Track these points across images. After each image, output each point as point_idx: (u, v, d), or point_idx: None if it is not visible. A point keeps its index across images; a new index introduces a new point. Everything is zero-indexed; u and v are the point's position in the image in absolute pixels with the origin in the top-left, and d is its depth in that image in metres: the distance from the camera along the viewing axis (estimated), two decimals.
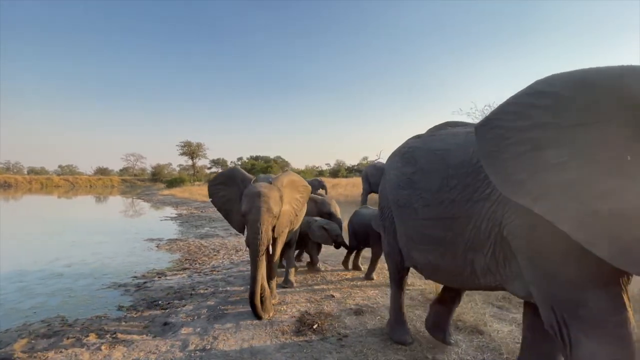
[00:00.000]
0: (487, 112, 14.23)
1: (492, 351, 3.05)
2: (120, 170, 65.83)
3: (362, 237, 5.49)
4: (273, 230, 3.87)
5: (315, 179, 16.41)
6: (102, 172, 63.01)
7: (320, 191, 14.98)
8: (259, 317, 3.79)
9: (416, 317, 3.85)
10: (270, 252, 3.96)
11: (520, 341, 2.45)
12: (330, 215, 5.98)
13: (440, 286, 3.48)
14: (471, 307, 3.99)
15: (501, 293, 4.12)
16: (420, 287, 4.86)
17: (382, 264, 5.80)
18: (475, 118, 14.84)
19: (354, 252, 5.90)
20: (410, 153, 2.70)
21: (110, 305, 4.60)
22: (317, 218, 5.67)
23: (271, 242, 3.88)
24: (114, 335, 3.54)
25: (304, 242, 5.65)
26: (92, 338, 3.49)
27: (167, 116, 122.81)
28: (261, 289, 3.86)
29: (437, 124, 2.86)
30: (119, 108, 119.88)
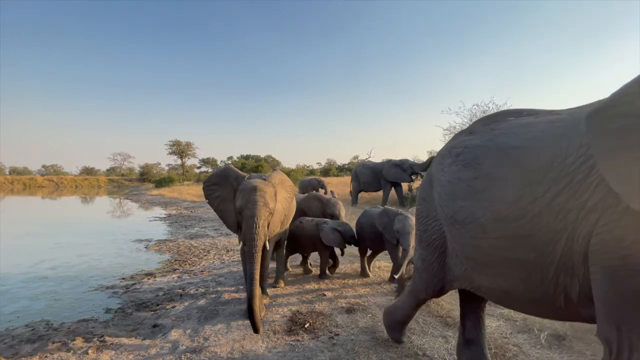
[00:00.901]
0: (476, 111, 14.46)
1: None
2: (107, 170, 64.42)
3: (376, 240, 5.10)
4: (267, 226, 3.86)
5: (315, 178, 16.31)
6: (88, 172, 61.52)
7: (320, 191, 14.94)
8: (256, 330, 3.22)
9: None
10: (267, 248, 3.86)
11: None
12: (332, 218, 5.75)
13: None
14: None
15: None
16: None
17: (377, 262, 5.84)
18: (464, 117, 15.04)
19: (367, 256, 5.49)
20: (469, 153, 2.12)
21: (97, 308, 4.51)
22: (328, 220, 5.42)
23: (267, 238, 3.86)
24: (102, 339, 3.47)
25: (313, 245, 5.29)
26: (78, 342, 3.41)
27: (156, 115, 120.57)
28: None
29: (476, 120, 2.40)
30: (105, 107, 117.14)
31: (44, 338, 3.55)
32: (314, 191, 14.76)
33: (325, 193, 14.54)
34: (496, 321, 3.59)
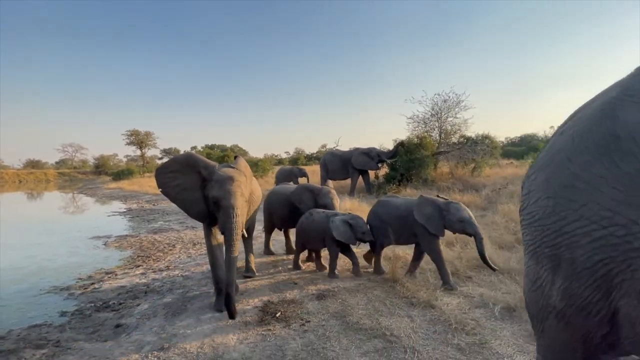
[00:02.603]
0: (437, 100, 15.02)
1: (442, 323, 3.32)
2: (57, 163, 59.01)
3: (403, 233, 4.53)
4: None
5: (296, 167, 16.00)
6: (33, 165, 55.88)
7: (303, 179, 14.74)
8: (232, 316, 3.42)
9: (374, 296, 4.04)
10: (246, 236, 4.01)
11: None
12: (326, 208, 5.40)
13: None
14: (424, 284, 4.28)
15: (450, 269, 4.47)
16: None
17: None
18: (426, 106, 15.59)
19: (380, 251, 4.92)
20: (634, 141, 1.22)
21: (50, 312, 4.20)
22: (339, 212, 5.04)
23: (244, 226, 3.90)
24: (57, 344, 3.25)
25: (323, 240, 4.83)
26: (29, 350, 3.17)
27: (109, 104, 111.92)
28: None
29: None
30: (50, 94, 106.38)
31: None
32: (294, 179, 14.67)
33: (308, 181, 14.46)
34: (457, 299, 3.85)
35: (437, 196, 4.58)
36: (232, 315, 3.41)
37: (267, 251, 6.26)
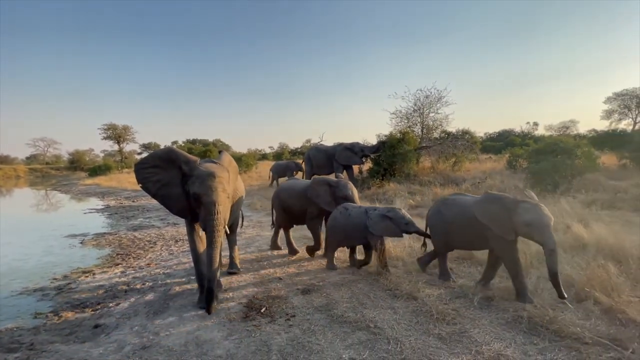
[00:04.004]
0: (419, 95, 15.27)
1: (424, 313, 3.41)
2: (27, 158, 56.03)
3: (468, 237, 3.97)
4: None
5: (292, 161, 15.78)
6: (1, 160, 52.94)
7: (299, 174, 14.58)
8: (209, 310, 3.54)
9: (359, 290, 4.10)
10: (228, 232, 3.94)
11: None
12: (345, 201, 5.14)
13: None
14: (407, 276, 4.38)
15: (434, 262, 4.59)
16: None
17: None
18: (409, 101, 15.85)
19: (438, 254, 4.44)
20: None
21: (23, 314, 4.02)
22: (376, 206, 4.82)
23: (227, 222, 3.86)
24: (31, 347, 3.12)
25: (362, 236, 4.59)
26: (0, 354, 3.02)
27: (83, 97, 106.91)
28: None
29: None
30: (19, 88, 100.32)
31: None
32: (290, 174, 14.49)
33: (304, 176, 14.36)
34: (438, 290, 3.95)
35: (526, 193, 3.82)
36: (209, 311, 3.53)
37: (292, 250, 5.84)
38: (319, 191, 5.31)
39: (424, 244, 4.69)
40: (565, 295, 3.27)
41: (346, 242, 4.89)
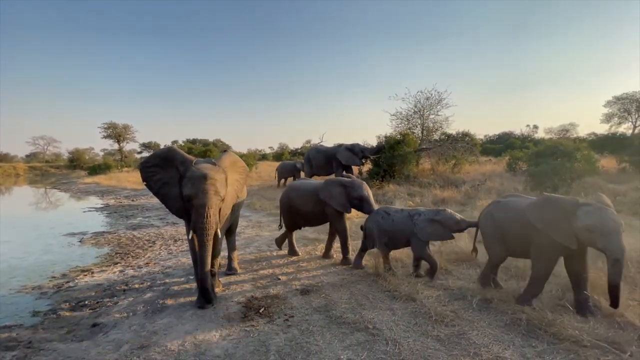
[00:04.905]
0: (420, 97, 15.28)
1: (423, 315, 3.41)
2: (27, 156, 56.01)
3: (524, 244, 3.53)
4: (219, 214, 3.76)
5: (299, 162, 15.77)
6: (0, 158, 52.89)
7: (301, 174, 14.53)
8: (209, 301, 3.71)
9: (357, 291, 4.09)
10: (219, 236, 3.89)
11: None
12: (361, 200, 5.00)
13: None
14: (406, 278, 4.38)
15: (424, 264, 4.58)
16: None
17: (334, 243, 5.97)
18: (409, 103, 15.82)
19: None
20: None
21: (21, 312, 4.02)
22: (422, 209, 4.62)
23: (219, 225, 3.79)
24: (29, 345, 3.12)
25: (407, 241, 4.50)
26: None
27: (84, 96, 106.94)
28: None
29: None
30: (20, 87, 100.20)
31: None
32: (297, 174, 14.46)
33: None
34: (437, 292, 3.95)
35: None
36: (210, 301, 3.72)
37: (292, 251, 5.75)
38: (333, 192, 5.11)
39: (474, 249, 4.34)
40: (618, 305, 2.99)
41: (390, 246, 4.69)
